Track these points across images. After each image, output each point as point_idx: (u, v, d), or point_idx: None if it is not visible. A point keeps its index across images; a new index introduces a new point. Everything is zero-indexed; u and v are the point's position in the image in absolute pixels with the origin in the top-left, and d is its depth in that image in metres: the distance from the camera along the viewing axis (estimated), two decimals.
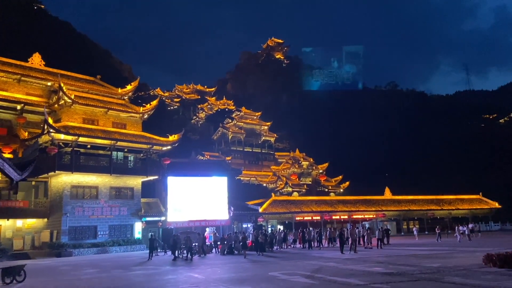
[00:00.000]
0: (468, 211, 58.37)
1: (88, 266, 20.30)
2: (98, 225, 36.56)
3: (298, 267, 15.69)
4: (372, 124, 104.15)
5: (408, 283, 10.57)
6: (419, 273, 12.37)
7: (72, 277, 15.37)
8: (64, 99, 36.26)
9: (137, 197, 39.96)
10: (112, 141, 36.81)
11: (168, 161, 40.64)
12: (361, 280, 11.28)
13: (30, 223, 36.69)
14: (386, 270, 13.34)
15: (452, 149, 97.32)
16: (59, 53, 76.65)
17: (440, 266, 14.10)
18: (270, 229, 42.91)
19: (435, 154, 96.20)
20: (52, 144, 33.98)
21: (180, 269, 16.91)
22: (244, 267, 16.65)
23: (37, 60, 44.06)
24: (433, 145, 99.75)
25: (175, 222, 39.10)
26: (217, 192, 42.02)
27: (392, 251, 23.66)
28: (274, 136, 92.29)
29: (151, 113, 42.23)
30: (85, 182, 36.72)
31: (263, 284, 11.23)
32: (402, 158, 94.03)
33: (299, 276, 12.67)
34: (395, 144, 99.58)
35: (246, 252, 21.47)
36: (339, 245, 23.79)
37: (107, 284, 12.82)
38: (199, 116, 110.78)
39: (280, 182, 72.92)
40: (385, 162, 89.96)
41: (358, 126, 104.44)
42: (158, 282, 12.71)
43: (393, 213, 55.05)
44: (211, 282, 12.02)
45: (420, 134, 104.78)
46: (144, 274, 15.53)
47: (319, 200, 54.03)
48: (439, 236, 34.54)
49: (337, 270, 14.32)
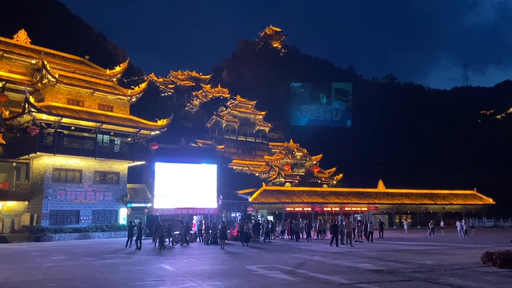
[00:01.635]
0: (462, 207, 57.66)
1: (60, 253, 19.07)
2: (81, 209, 35.26)
3: (280, 261, 14.51)
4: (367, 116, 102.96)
5: (398, 284, 9.40)
6: (411, 272, 11.20)
7: (34, 265, 14.17)
8: (48, 78, 34.65)
9: (123, 182, 38.64)
10: (98, 123, 35.34)
11: (156, 146, 39.23)
12: (346, 278, 10.10)
13: (10, 206, 35.32)
14: (375, 267, 12.16)
15: (448, 144, 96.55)
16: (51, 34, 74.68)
17: (434, 264, 12.96)
18: (260, 219, 41.83)
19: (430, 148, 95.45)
20: (33, 124, 32.45)
21: (153, 259, 15.70)
22: (223, 259, 15.47)
23: (22, 37, 42.22)
24: (429, 139, 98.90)
25: (162, 209, 37.85)
26: (206, 180, 40.74)
27: (383, 245, 22.59)
28: (268, 126, 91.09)
29: (139, 96, 40.72)
30: (68, 165, 35.33)
31: (235, 280, 10.03)
32: (397, 152, 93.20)
33: (278, 271, 11.46)
34: (391, 137, 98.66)
35: (225, 242, 20.24)
36: (331, 238, 22.63)
37: (65, 274, 11.62)
38: (193, 104, 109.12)
39: (273, 172, 71.97)
40: (379, 155, 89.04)
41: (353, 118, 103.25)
42: (122, 274, 11.49)
43: (385, 206, 54.19)
44: (179, 276, 10.81)
45: (416, 128, 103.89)
46: (113, 263, 14.32)
47: (311, 191, 53.01)
48: (432, 231, 33.57)
49: (321, 265, 13.14)
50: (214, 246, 23.22)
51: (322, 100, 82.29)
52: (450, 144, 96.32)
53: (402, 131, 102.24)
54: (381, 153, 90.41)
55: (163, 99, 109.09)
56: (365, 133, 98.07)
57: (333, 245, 21.51)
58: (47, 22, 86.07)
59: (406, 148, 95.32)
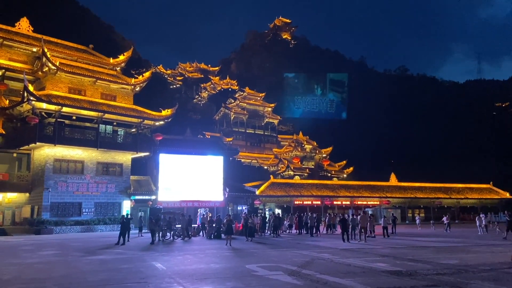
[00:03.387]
0: (478, 201, 55.66)
1: (52, 247, 17.95)
2: (83, 201, 34.28)
3: (285, 259, 13.08)
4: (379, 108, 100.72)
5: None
6: (434, 274, 9.68)
7: (17, 261, 13.04)
8: (48, 66, 33.55)
9: (126, 174, 37.55)
10: (100, 113, 34.21)
11: (160, 137, 38.10)
12: (359, 281, 8.63)
13: (11, 198, 34.50)
14: (393, 268, 10.67)
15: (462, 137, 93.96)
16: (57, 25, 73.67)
17: (459, 265, 11.45)
18: (267, 212, 40.50)
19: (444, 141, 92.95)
20: (33, 114, 31.44)
21: (146, 256, 14.38)
22: (222, 256, 14.10)
23: (24, 25, 41.15)
24: (443, 132, 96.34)
25: (166, 202, 36.77)
26: (212, 172, 39.54)
27: (398, 241, 21.03)
28: (277, 118, 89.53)
29: (143, 85, 39.49)
30: (69, 156, 34.30)
31: (229, 283, 8.63)
32: (410, 145, 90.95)
33: (281, 272, 10.01)
34: (403, 130, 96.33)
35: (231, 237, 18.73)
36: (341, 233, 21.15)
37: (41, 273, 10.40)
38: (202, 96, 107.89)
39: (282, 165, 70.51)
40: (391, 148, 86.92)
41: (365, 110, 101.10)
42: (104, 273, 10.20)
43: (398, 201, 52.45)
44: (167, 277, 9.47)
45: (430, 120, 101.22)
46: (101, 260, 13.08)
47: (320, 184, 51.46)
48: (448, 226, 31.86)
49: (331, 264, 11.66)
50: (217, 241, 21.93)
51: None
52: (464, 137, 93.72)
53: (414, 123, 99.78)
54: (393, 146, 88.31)
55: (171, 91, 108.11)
56: (376, 125, 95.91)
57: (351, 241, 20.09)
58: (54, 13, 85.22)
59: (419, 141, 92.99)
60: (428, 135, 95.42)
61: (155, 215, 23.02)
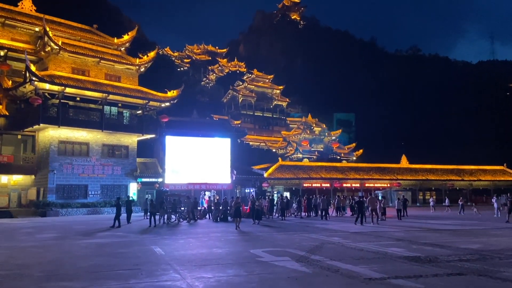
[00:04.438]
0: (491, 183, 54.43)
1: (53, 230, 17.43)
2: (89, 184, 33.88)
3: (293, 243, 12.29)
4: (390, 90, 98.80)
5: (446, 279, 6.94)
6: (457, 260, 8.78)
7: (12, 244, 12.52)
8: (50, 45, 32.74)
9: (133, 156, 37.00)
10: (104, 93, 33.48)
11: (166, 119, 37.33)
12: (374, 269, 7.78)
13: (17, 180, 34.14)
14: (410, 253, 9.81)
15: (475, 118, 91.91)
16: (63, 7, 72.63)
17: (481, 249, 10.57)
18: (275, 195, 39.83)
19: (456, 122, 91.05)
20: (36, 94, 30.80)
21: (147, 239, 13.69)
22: (226, 240, 13.35)
23: (27, 4, 40.25)
24: (455, 113, 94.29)
25: (173, 184, 36.22)
26: (219, 154, 38.82)
27: (410, 224, 20.16)
28: (286, 101, 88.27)
29: (148, 66, 38.59)
30: (74, 138, 33.76)
31: (230, 270, 7.83)
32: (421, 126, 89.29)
33: (288, 258, 9.19)
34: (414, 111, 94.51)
35: (239, 220, 17.94)
36: (357, 216, 20.28)
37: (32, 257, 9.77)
38: (209, 78, 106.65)
39: (290, 148, 69.73)
40: (402, 130, 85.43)
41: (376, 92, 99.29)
42: (98, 259, 9.49)
43: (409, 183, 51.45)
44: (164, 263, 8.71)
45: (442, 101, 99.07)
46: (98, 244, 12.43)
47: (329, 167, 50.56)
48: (462, 209, 30.89)
49: (342, 249, 10.84)
50: (223, 223, 21.27)
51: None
52: (478, 118, 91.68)
53: (426, 105, 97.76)
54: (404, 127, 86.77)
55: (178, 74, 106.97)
56: (387, 107, 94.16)
57: (357, 224, 19.29)
58: None
59: (430, 123, 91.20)
60: (440, 117, 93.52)
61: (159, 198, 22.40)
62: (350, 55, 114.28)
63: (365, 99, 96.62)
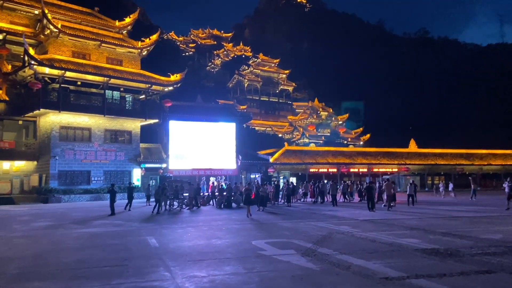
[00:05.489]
0: (501, 167, 53.27)
1: (49, 218, 16.83)
2: (91, 170, 33.35)
3: (298, 232, 11.47)
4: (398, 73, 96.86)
5: (477, 279, 6.06)
6: (482, 254, 7.88)
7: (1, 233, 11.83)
8: (50, 28, 31.86)
9: (136, 141, 36.35)
10: (105, 77, 32.68)
11: (170, 103, 36.51)
12: (391, 266, 6.89)
13: (19, 166, 33.72)
14: (427, 245, 8.93)
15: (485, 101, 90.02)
16: None
17: (505, 240, 9.68)
18: (282, 181, 39.11)
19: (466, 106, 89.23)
20: (36, 79, 30.07)
21: (144, 228, 12.95)
22: (227, 229, 12.55)
23: None
24: (465, 96, 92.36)
25: (178, 170, 35.61)
26: (224, 139, 38.08)
27: (423, 211, 19.24)
28: (292, 85, 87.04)
29: (150, 49, 37.66)
30: (76, 123, 33.12)
31: (228, 267, 6.98)
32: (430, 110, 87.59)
33: (293, 250, 8.35)
34: (423, 95, 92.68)
35: (250, 208, 16.96)
36: (367, 202, 19.55)
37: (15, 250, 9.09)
38: (215, 63, 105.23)
39: (297, 133, 68.83)
40: (410, 114, 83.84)
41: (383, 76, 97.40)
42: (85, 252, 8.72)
43: (417, 167, 50.45)
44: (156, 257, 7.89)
45: (451, 85, 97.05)
46: (91, 234, 11.74)
47: (336, 152, 49.63)
48: (474, 194, 29.90)
49: (352, 240, 10.03)
50: (227, 210, 20.56)
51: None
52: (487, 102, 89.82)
53: (435, 88, 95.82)
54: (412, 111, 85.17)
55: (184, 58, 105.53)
56: (395, 91, 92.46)
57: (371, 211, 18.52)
58: None
59: (439, 107, 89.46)
60: (449, 100, 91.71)
61: (161, 185, 21.72)
62: (357, 39, 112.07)
63: (372, 82, 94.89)
